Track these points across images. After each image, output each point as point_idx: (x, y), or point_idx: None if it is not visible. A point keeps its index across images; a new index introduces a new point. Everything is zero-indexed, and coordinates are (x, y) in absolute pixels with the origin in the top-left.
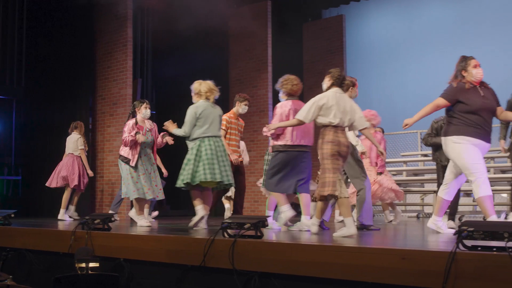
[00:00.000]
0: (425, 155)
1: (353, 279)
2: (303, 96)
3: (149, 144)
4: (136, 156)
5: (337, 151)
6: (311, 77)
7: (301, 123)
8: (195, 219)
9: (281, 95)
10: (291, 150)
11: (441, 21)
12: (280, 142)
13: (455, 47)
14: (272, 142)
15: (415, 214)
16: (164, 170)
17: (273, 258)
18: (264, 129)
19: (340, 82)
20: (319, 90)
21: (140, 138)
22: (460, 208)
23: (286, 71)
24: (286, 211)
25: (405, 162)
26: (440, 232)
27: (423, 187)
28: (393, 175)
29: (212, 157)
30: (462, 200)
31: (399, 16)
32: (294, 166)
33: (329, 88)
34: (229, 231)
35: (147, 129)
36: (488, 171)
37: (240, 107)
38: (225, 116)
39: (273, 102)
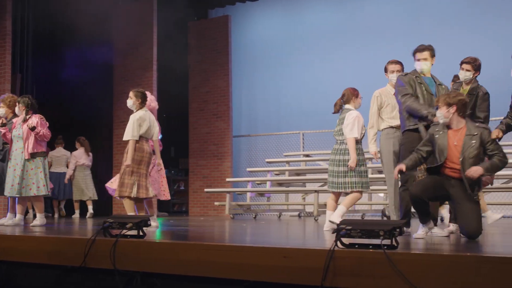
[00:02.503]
0: (307, 155)
1: (235, 278)
2: (188, 95)
3: (19, 137)
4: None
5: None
6: (196, 76)
7: None
8: None
9: None
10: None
11: (324, 25)
12: None
13: (337, 50)
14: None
15: (296, 213)
16: None
17: (155, 258)
18: None
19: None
20: (204, 89)
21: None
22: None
23: (171, 69)
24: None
25: (287, 162)
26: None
27: (305, 186)
28: (276, 174)
29: None
30: (343, 199)
31: (284, 19)
32: None
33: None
34: (111, 230)
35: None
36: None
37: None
38: None
39: (158, 100)
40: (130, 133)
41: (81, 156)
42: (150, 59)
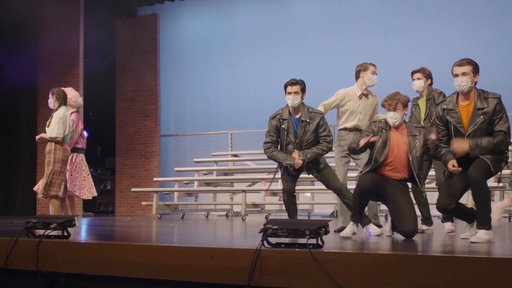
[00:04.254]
0: (235, 155)
1: (162, 278)
2: (115, 93)
3: None
4: None
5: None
6: (124, 74)
7: None
8: None
9: None
10: None
11: (252, 25)
12: None
13: (265, 50)
14: None
15: (224, 213)
16: None
17: (80, 258)
18: None
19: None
20: (132, 88)
21: None
22: (267, 207)
23: (98, 67)
24: None
25: (215, 161)
26: None
27: (233, 186)
28: (204, 174)
29: None
30: (270, 199)
31: (213, 18)
32: None
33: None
34: (34, 231)
35: None
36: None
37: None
38: None
39: (85, 98)
40: (55, 130)
41: None
42: (77, 56)
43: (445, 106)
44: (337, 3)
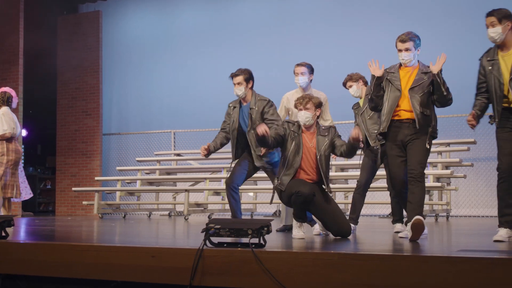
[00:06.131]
0: (178, 155)
1: (103, 278)
2: (56, 93)
3: None
4: None
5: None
6: (66, 72)
7: None
8: None
9: None
10: None
11: (197, 23)
12: None
13: (209, 49)
14: None
15: (167, 212)
16: None
17: (19, 259)
18: None
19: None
20: (74, 86)
21: None
22: (209, 207)
23: (39, 64)
24: None
25: (158, 161)
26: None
27: (176, 186)
28: (147, 173)
29: None
30: (213, 198)
31: (158, 17)
32: None
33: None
34: None
35: None
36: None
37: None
38: None
39: (25, 96)
40: (1, 127)
41: None
42: (16, 53)
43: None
44: (280, 2)
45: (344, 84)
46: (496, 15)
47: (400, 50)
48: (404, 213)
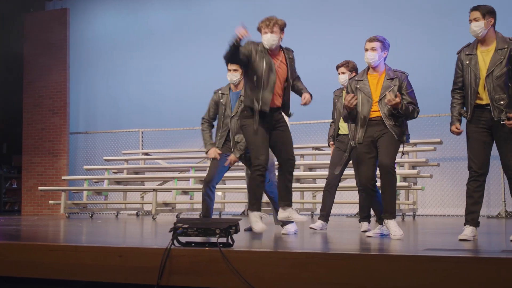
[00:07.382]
0: (146, 154)
1: (70, 279)
2: (23, 91)
3: None
4: None
5: None
6: (32, 70)
7: None
8: None
9: None
10: None
11: (167, 22)
12: None
13: (178, 48)
14: None
15: (135, 212)
16: None
17: None
18: None
19: None
20: (40, 84)
21: None
22: (178, 206)
23: (4, 62)
24: None
25: (126, 160)
26: None
27: (143, 185)
28: (114, 173)
29: None
30: (181, 198)
31: (127, 15)
32: None
33: None
34: None
35: None
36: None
37: None
38: None
39: None
40: None
41: None
42: None
43: (356, 78)
44: (252, 1)
45: (337, 68)
46: (481, 10)
47: (366, 50)
48: (372, 212)
